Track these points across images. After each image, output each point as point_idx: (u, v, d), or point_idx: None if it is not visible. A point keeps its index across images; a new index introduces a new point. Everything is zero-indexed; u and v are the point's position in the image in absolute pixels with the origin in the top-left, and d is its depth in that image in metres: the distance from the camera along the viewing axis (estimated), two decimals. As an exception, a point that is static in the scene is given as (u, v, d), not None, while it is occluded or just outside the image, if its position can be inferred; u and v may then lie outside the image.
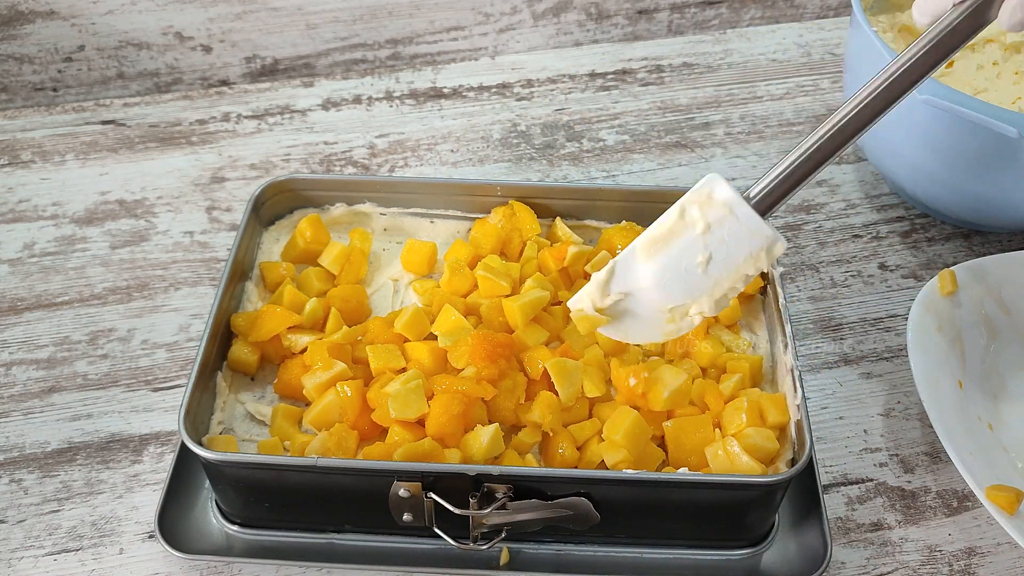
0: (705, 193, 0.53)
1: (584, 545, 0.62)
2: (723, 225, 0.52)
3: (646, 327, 0.56)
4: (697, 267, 0.53)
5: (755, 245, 0.53)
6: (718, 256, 0.53)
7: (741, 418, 0.62)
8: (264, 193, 0.74)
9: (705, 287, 0.54)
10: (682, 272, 0.53)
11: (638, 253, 0.54)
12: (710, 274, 0.53)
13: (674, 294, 0.54)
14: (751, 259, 0.53)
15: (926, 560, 0.64)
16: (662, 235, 0.53)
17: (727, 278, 0.54)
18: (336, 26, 1.03)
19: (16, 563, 0.62)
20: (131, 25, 0.98)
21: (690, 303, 0.54)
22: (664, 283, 0.53)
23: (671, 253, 0.53)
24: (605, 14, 1.08)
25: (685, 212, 0.53)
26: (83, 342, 0.76)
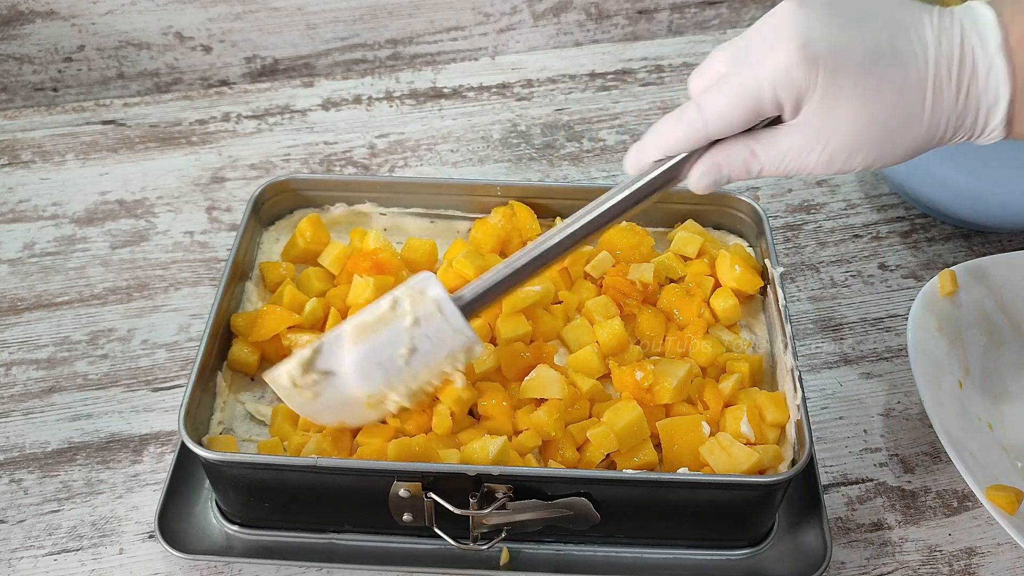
0: (418, 289, 0.56)
1: (584, 545, 0.62)
2: (430, 321, 0.55)
3: (345, 409, 0.58)
4: (399, 358, 0.56)
5: (456, 344, 0.56)
6: (421, 349, 0.56)
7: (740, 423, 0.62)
8: (264, 193, 0.74)
9: (404, 378, 0.57)
10: (384, 361, 0.56)
11: (346, 337, 0.56)
12: (411, 366, 0.56)
13: (374, 381, 0.56)
14: (451, 357, 0.57)
15: (926, 560, 0.64)
16: (371, 323, 0.56)
17: (426, 372, 0.57)
18: (336, 26, 1.03)
19: (16, 563, 0.62)
20: (131, 25, 0.98)
21: (388, 391, 0.57)
22: (365, 370, 0.56)
23: (377, 340, 0.56)
24: (605, 14, 1.08)
25: (397, 304, 0.56)
26: (83, 342, 0.76)
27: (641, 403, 0.63)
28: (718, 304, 0.71)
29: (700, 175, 0.52)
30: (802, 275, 0.82)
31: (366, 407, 0.58)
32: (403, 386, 0.57)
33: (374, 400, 0.57)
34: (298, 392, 0.56)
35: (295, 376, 0.56)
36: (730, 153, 0.51)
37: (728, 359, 0.68)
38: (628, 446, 0.62)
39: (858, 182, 0.91)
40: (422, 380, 0.57)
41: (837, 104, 0.48)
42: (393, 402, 0.58)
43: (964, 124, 0.49)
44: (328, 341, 0.56)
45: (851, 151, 0.49)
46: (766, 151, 0.50)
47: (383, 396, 0.57)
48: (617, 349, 0.68)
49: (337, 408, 0.57)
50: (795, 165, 0.50)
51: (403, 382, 0.56)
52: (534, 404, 0.64)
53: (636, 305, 0.70)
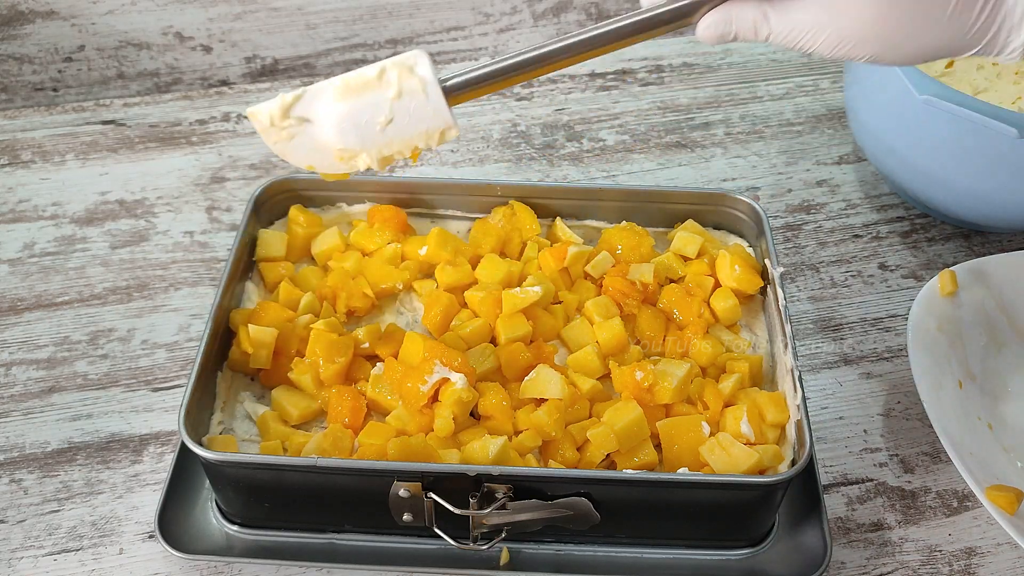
0: (408, 65, 0.56)
1: (584, 545, 0.62)
2: (413, 97, 0.56)
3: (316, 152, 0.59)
4: (377, 124, 0.56)
5: (433, 124, 0.57)
6: (399, 122, 0.56)
7: (740, 423, 0.63)
8: (264, 193, 0.74)
9: (377, 143, 0.57)
10: (362, 124, 0.56)
11: (329, 91, 0.56)
12: (386, 134, 0.57)
13: (348, 139, 0.57)
14: (424, 134, 0.57)
15: (926, 560, 0.64)
16: (357, 85, 0.56)
17: (398, 143, 0.57)
18: (336, 26, 1.03)
19: (16, 563, 0.62)
20: (131, 25, 0.98)
21: (359, 151, 0.57)
22: (343, 127, 0.56)
23: (359, 103, 0.56)
24: (605, 14, 1.08)
25: (384, 73, 0.56)
26: (83, 342, 0.76)
27: (641, 403, 0.63)
28: (718, 304, 0.71)
29: (709, 24, 0.51)
30: (802, 275, 0.82)
31: (336, 159, 0.59)
32: (375, 150, 0.58)
33: (345, 155, 0.58)
34: (274, 131, 0.57)
35: (274, 115, 0.56)
36: (743, 10, 0.50)
37: (728, 359, 0.68)
38: (628, 446, 0.62)
39: (858, 182, 0.91)
40: (394, 148, 0.58)
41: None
42: (363, 161, 0.59)
43: (985, 37, 0.48)
44: (312, 91, 0.57)
45: (862, 37, 0.48)
46: (779, 17, 0.49)
47: (354, 154, 0.58)
48: (617, 349, 0.68)
49: (308, 152, 0.58)
50: (803, 40, 0.50)
51: (376, 146, 0.57)
52: (534, 404, 0.64)
53: (636, 305, 0.70)
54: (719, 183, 0.91)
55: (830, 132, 0.97)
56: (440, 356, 0.63)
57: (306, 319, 0.68)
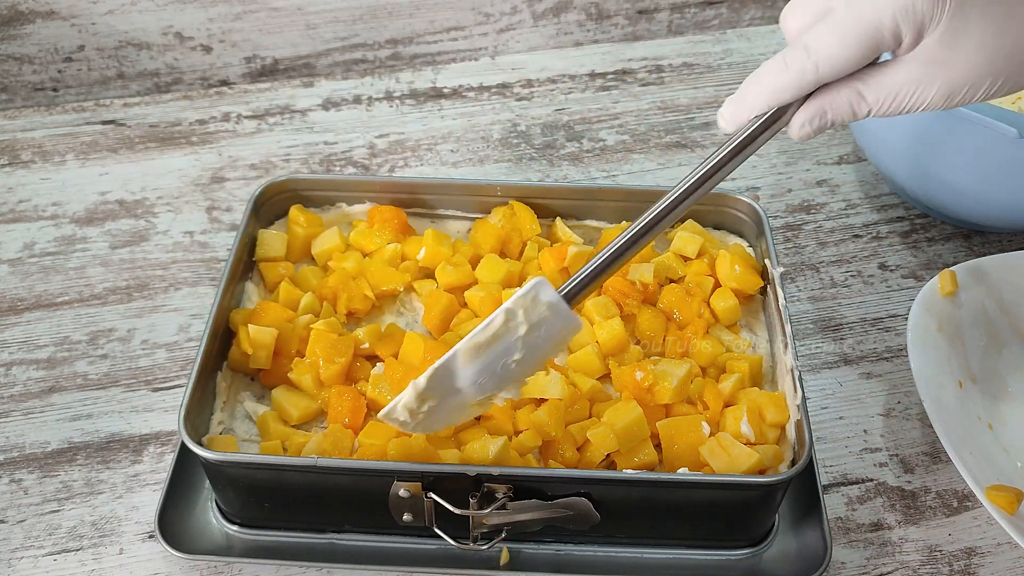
0: (531, 297, 0.55)
1: (584, 545, 0.62)
2: (544, 324, 0.55)
3: (455, 414, 0.58)
4: (512, 364, 0.55)
5: (565, 334, 0.56)
6: (532, 350, 0.55)
7: (740, 423, 0.62)
8: (264, 193, 0.74)
9: (515, 377, 0.56)
10: (498, 370, 0.55)
11: (459, 358, 0.55)
12: (522, 365, 0.56)
13: (486, 388, 0.56)
14: (559, 345, 0.57)
15: (926, 560, 0.64)
16: (486, 341, 0.55)
17: (534, 366, 0.57)
18: (336, 26, 1.03)
19: (16, 563, 0.62)
20: (131, 25, 0.98)
21: (499, 392, 0.57)
22: (480, 383, 0.55)
23: (491, 355, 0.55)
24: (605, 14, 1.08)
25: (512, 317, 0.55)
26: (83, 342, 0.76)
27: (641, 403, 0.63)
28: (718, 304, 0.71)
29: (803, 122, 0.49)
30: (802, 275, 0.82)
31: (472, 407, 0.57)
32: (514, 385, 0.56)
33: (483, 400, 0.57)
34: (413, 418, 0.55)
35: (412, 407, 0.55)
36: (835, 97, 0.47)
37: (728, 359, 0.68)
38: (628, 446, 0.62)
39: (858, 182, 0.91)
40: (531, 372, 0.57)
41: (963, 32, 0.45)
42: (502, 398, 0.58)
43: None
44: (440, 366, 0.55)
45: (975, 81, 0.46)
46: (875, 91, 0.47)
47: (494, 396, 0.57)
48: (617, 349, 0.68)
49: (447, 416, 0.57)
50: (910, 102, 0.47)
51: (514, 382, 0.56)
52: (534, 404, 0.64)
53: (636, 305, 0.70)
54: (719, 183, 0.91)
55: (830, 132, 0.97)
56: (440, 356, 0.63)
57: (306, 319, 0.68)
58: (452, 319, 0.70)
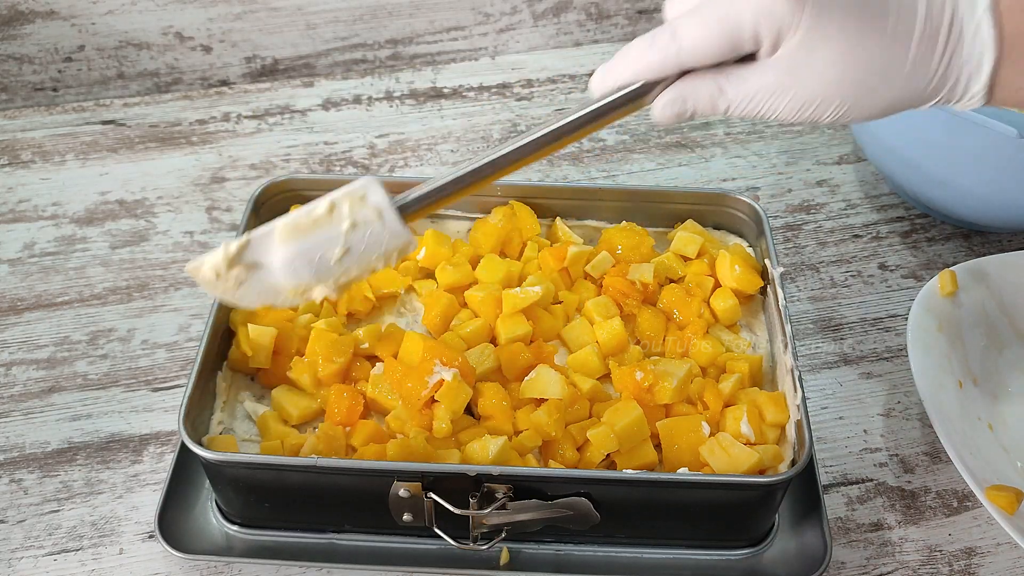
0: (359, 195, 0.54)
1: (584, 545, 0.62)
2: (369, 226, 0.54)
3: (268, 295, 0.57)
4: (332, 257, 0.54)
5: (392, 245, 0.55)
6: (355, 251, 0.54)
7: (740, 423, 0.63)
8: (264, 193, 0.74)
9: (334, 273, 0.55)
10: (315, 260, 0.55)
11: (276, 234, 0.55)
12: (342, 264, 0.55)
13: (301, 277, 0.55)
14: (383, 256, 0.55)
15: (926, 560, 0.64)
16: (306, 224, 0.54)
17: (356, 269, 0.55)
18: (336, 26, 1.03)
19: (16, 563, 0.62)
20: (131, 25, 0.98)
21: (315, 284, 0.55)
22: (295, 267, 0.55)
23: (310, 241, 0.54)
24: (605, 14, 1.08)
25: (335, 207, 0.54)
26: (83, 342, 0.76)
27: (641, 403, 0.63)
28: (718, 304, 0.71)
29: (664, 105, 0.49)
30: (802, 275, 0.82)
31: (290, 294, 0.57)
32: (332, 281, 0.56)
33: (299, 290, 0.56)
34: (220, 282, 0.55)
35: (219, 268, 0.55)
36: (697, 87, 0.49)
37: (728, 359, 0.68)
38: (628, 446, 0.62)
39: (858, 182, 0.91)
40: (352, 275, 0.56)
41: (818, 45, 0.46)
42: (319, 292, 0.57)
43: (945, 86, 0.47)
44: (256, 237, 0.55)
45: (825, 98, 0.47)
46: (735, 88, 0.48)
47: (309, 287, 0.56)
48: (617, 349, 0.68)
49: (260, 294, 0.57)
50: (764, 107, 0.48)
51: (332, 277, 0.55)
52: (534, 404, 0.64)
53: (636, 305, 0.70)
54: (719, 183, 0.91)
55: (830, 132, 0.97)
56: (440, 356, 0.63)
57: (306, 319, 0.68)
58: (452, 319, 0.70)
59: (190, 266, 0.56)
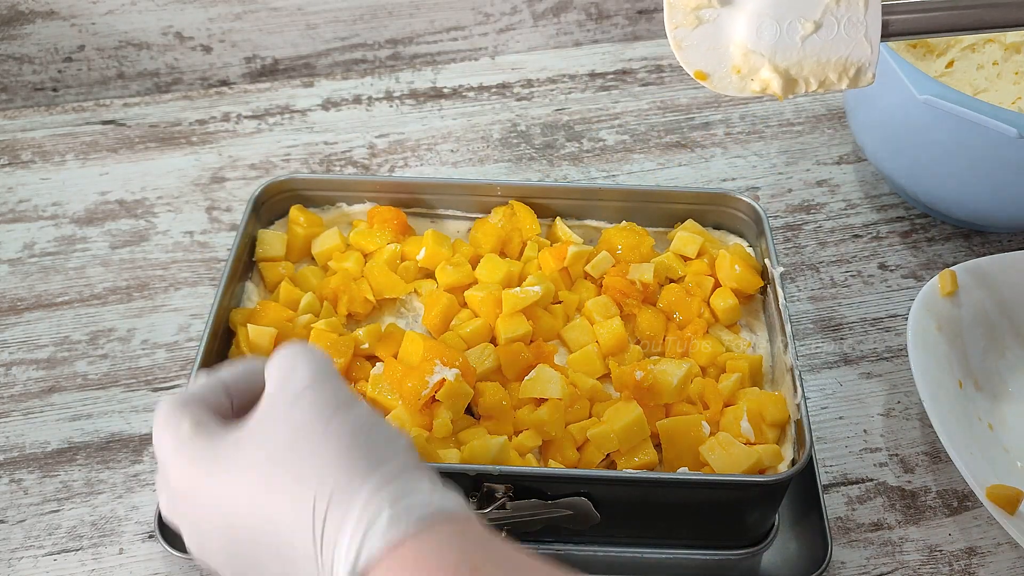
0: None
1: (584, 545, 0.62)
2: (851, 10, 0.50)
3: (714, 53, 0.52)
4: (801, 27, 0.50)
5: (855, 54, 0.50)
6: (822, 35, 0.50)
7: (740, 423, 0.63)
8: (264, 193, 0.74)
9: (790, 55, 0.51)
10: (784, 25, 0.50)
11: None
12: (804, 47, 0.50)
13: (762, 38, 0.51)
14: (841, 65, 0.51)
15: (926, 560, 0.64)
16: None
17: (810, 63, 0.51)
18: (336, 26, 1.03)
19: (16, 563, 0.62)
20: (131, 25, 0.98)
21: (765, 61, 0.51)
22: (764, 20, 0.50)
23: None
24: (605, 14, 1.08)
25: None
26: (83, 342, 0.76)
27: (641, 403, 0.63)
28: (718, 304, 0.71)
29: None
30: (802, 275, 0.82)
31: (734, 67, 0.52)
32: (784, 63, 0.51)
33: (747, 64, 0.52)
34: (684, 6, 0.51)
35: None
36: None
37: (728, 359, 0.68)
38: (628, 446, 0.62)
39: (858, 182, 0.91)
40: (805, 71, 0.51)
41: None
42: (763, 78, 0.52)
43: None
44: None
45: None
46: None
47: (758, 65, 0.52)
48: (617, 349, 0.68)
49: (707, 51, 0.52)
50: None
51: (787, 59, 0.51)
52: (534, 404, 0.64)
53: (636, 305, 0.70)
54: (719, 183, 0.91)
55: (830, 132, 0.97)
56: (440, 356, 0.63)
57: (306, 319, 0.68)
58: (452, 319, 0.70)
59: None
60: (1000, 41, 0.82)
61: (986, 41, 0.82)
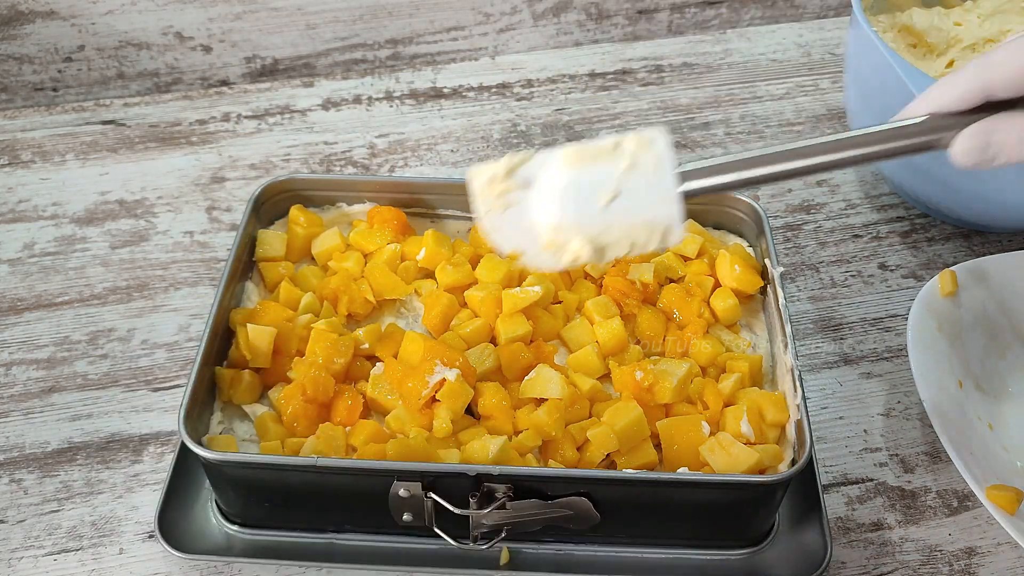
0: (648, 138, 0.52)
1: (584, 545, 0.62)
2: (644, 175, 0.51)
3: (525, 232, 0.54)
4: (600, 198, 0.51)
5: (659, 214, 0.52)
6: (623, 201, 0.51)
7: (740, 423, 0.63)
8: (264, 193, 0.74)
9: (595, 224, 0.52)
10: (584, 197, 0.52)
11: (560, 157, 0.53)
12: (607, 214, 0.52)
13: (567, 212, 0.52)
14: (647, 226, 0.52)
15: (926, 560, 0.64)
16: (588, 153, 0.52)
17: (617, 229, 0.52)
18: (336, 26, 1.03)
19: (16, 563, 0.62)
20: (131, 25, 0.98)
21: (574, 234, 0.53)
22: (565, 197, 0.52)
23: (586, 173, 0.52)
24: (605, 14, 1.08)
25: (620, 144, 0.52)
26: (83, 342, 0.76)
27: (641, 403, 0.63)
28: (718, 304, 0.71)
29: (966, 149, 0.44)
30: (802, 275, 0.82)
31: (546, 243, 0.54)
32: (592, 231, 0.52)
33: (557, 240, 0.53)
34: (492, 191, 0.53)
35: (497, 174, 0.52)
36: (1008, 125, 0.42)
37: (728, 359, 0.68)
38: (628, 446, 0.62)
39: (858, 182, 0.91)
40: (612, 236, 0.52)
41: None
42: (573, 249, 0.53)
43: None
44: (540, 155, 0.53)
45: None
46: None
47: (566, 238, 0.53)
48: (617, 349, 0.68)
49: (517, 232, 0.54)
50: None
51: (593, 226, 0.52)
52: (534, 404, 0.64)
53: (636, 305, 0.70)
54: (719, 183, 0.91)
55: (830, 132, 0.96)
56: (440, 356, 0.63)
57: (306, 319, 0.68)
58: (452, 319, 0.70)
59: (472, 169, 0.53)
60: (1000, 41, 0.82)
61: (986, 41, 0.82)
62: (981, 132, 0.43)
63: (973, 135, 0.43)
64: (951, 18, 0.85)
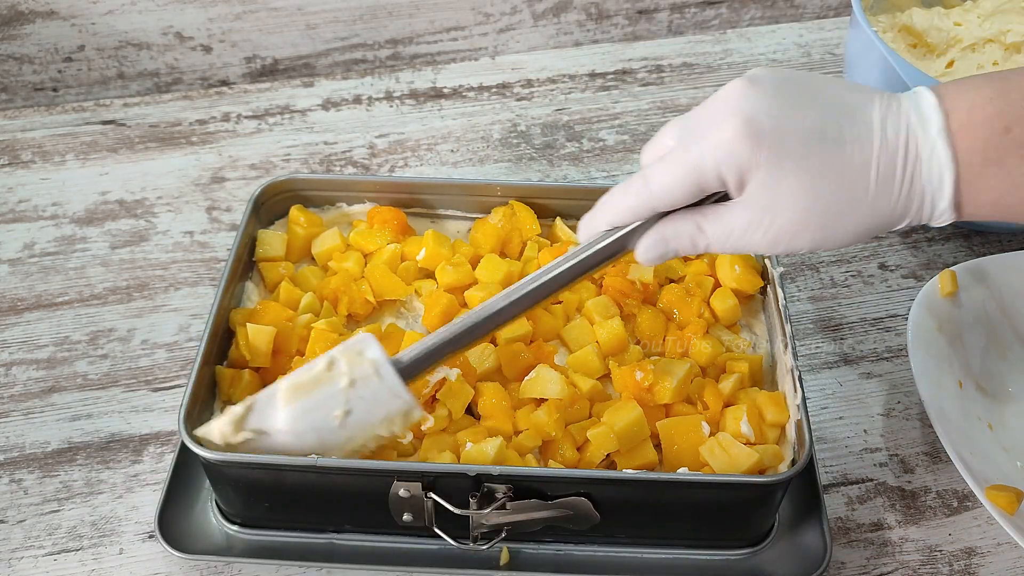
0: (356, 350, 0.55)
1: (584, 545, 0.62)
2: (367, 384, 0.54)
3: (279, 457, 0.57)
4: (333, 419, 0.54)
5: (393, 407, 0.55)
6: (357, 412, 0.55)
7: (740, 423, 0.62)
8: (264, 193, 0.74)
9: (338, 440, 0.55)
10: (318, 422, 0.55)
11: (279, 395, 0.55)
12: (346, 427, 0.55)
13: (306, 442, 0.55)
14: (387, 420, 0.55)
15: (926, 560, 0.64)
16: (307, 381, 0.54)
17: (361, 435, 0.56)
18: (336, 26, 1.03)
19: (16, 563, 0.62)
20: (131, 25, 0.98)
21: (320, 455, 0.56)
22: (299, 430, 0.55)
23: (311, 401, 0.54)
24: (605, 14, 1.08)
25: (333, 364, 0.55)
26: (83, 342, 0.76)
27: (641, 403, 0.63)
28: (718, 304, 0.71)
29: (647, 248, 0.52)
30: (802, 275, 0.82)
31: None
32: (337, 448, 0.56)
33: None
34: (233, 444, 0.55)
35: (227, 434, 0.55)
36: (677, 227, 0.51)
37: (728, 359, 0.68)
38: (628, 446, 0.62)
39: (858, 182, 0.91)
40: (357, 443, 0.56)
41: (781, 182, 0.48)
42: None
43: (911, 208, 0.48)
44: (261, 399, 0.55)
45: (795, 231, 0.49)
46: (712, 227, 0.50)
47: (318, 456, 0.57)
48: (617, 349, 0.68)
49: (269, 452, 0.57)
50: (741, 243, 0.50)
51: (337, 444, 0.56)
52: (534, 404, 0.64)
53: (636, 305, 0.70)
54: (719, 183, 0.91)
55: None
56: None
57: (306, 319, 0.68)
58: (452, 319, 0.70)
59: (199, 431, 0.56)
60: (1000, 41, 0.82)
61: (986, 41, 0.82)
62: (658, 235, 0.52)
63: (652, 240, 0.52)
64: (951, 18, 0.85)
